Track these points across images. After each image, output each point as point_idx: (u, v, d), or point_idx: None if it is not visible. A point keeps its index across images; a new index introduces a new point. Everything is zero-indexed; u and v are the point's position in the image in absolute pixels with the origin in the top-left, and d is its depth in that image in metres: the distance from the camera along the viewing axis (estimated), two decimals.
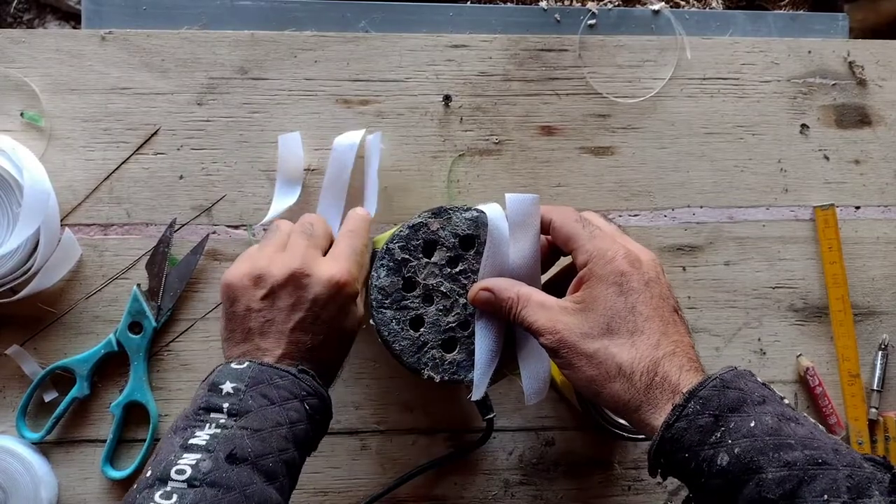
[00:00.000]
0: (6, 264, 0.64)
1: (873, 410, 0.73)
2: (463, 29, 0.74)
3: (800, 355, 0.73)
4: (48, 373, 0.66)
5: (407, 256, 0.58)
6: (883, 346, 0.73)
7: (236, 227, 0.70)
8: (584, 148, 0.73)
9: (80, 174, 0.68)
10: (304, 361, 0.54)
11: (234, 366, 0.51)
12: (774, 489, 0.42)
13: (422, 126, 0.71)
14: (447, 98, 0.72)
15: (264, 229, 0.69)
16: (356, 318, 0.58)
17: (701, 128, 0.74)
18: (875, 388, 0.73)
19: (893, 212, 0.75)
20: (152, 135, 0.69)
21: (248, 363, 0.51)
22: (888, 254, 0.75)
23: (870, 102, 0.76)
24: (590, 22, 0.75)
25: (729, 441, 0.44)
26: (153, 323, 0.67)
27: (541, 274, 0.58)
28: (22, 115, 0.68)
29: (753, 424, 0.44)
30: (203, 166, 0.69)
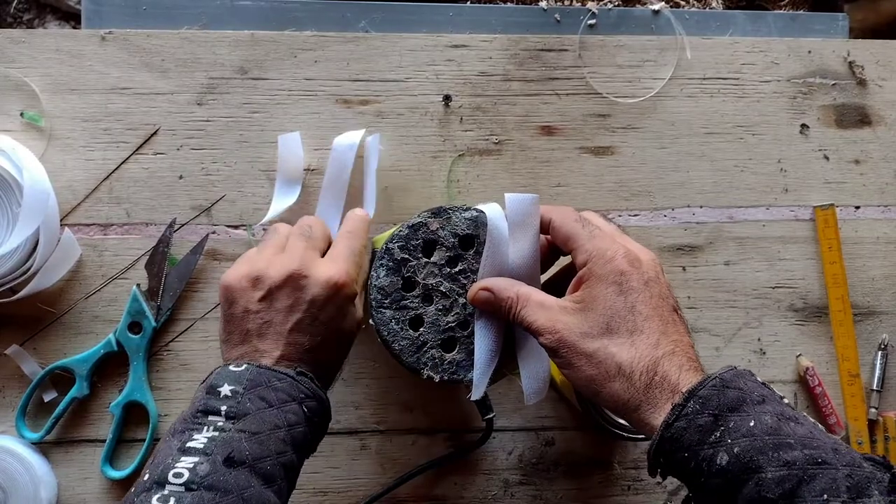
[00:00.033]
0: (6, 264, 0.64)
1: (873, 410, 0.73)
2: (463, 29, 0.74)
3: (799, 355, 0.73)
4: (48, 373, 0.66)
5: (406, 256, 0.58)
6: (883, 346, 0.73)
7: (236, 227, 0.70)
8: (584, 148, 0.73)
9: (80, 174, 0.68)
10: (303, 363, 0.54)
11: (232, 368, 0.51)
12: (774, 488, 0.42)
13: (422, 126, 0.71)
14: (447, 98, 0.72)
15: (264, 229, 0.69)
16: (354, 320, 0.58)
17: (701, 128, 0.74)
18: (875, 388, 0.73)
19: (893, 212, 0.75)
20: (152, 135, 0.69)
21: (247, 365, 0.51)
22: (888, 254, 0.75)
23: (870, 102, 0.76)
24: (590, 22, 0.75)
25: (728, 440, 0.44)
26: (153, 323, 0.67)
27: (540, 274, 0.58)
28: (22, 115, 0.68)
29: (753, 424, 0.44)
30: (203, 166, 0.70)
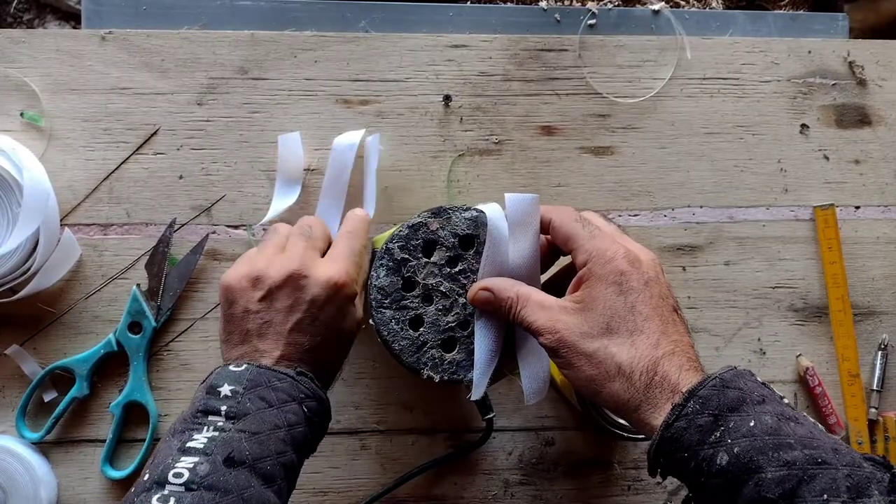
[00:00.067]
0: (6, 264, 0.64)
1: (873, 410, 0.73)
2: (463, 29, 0.74)
3: (799, 355, 0.73)
4: (48, 373, 0.66)
5: (406, 256, 0.58)
6: (883, 346, 0.73)
7: (236, 227, 0.70)
8: (584, 148, 0.73)
9: (80, 174, 0.68)
10: (303, 363, 0.54)
11: (233, 368, 0.51)
12: (774, 489, 0.42)
13: (422, 126, 0.71)
14: (447, 98, 0.72)
15: (264, 229, 0.69)
16: (354, 319, 0.58)
17: (701, 128, 0.74)
18: (875, 388, 0.73)
19: (893, 212, 0.75)
20: (152, 135, 0.69)
21: (247, 365, 0.51)
22: (888, 254, 0.75)
23: (870, 102, 0.76)
24: (590, 22, 0.75)
25: (728, 440, 0.44)
26: (153, 323, 0.67)
27: (540, 274, 0.58)
28: (22, 115, 0.68)
29: (753, 424, 0.44)
30: (203, 166, 0.70)
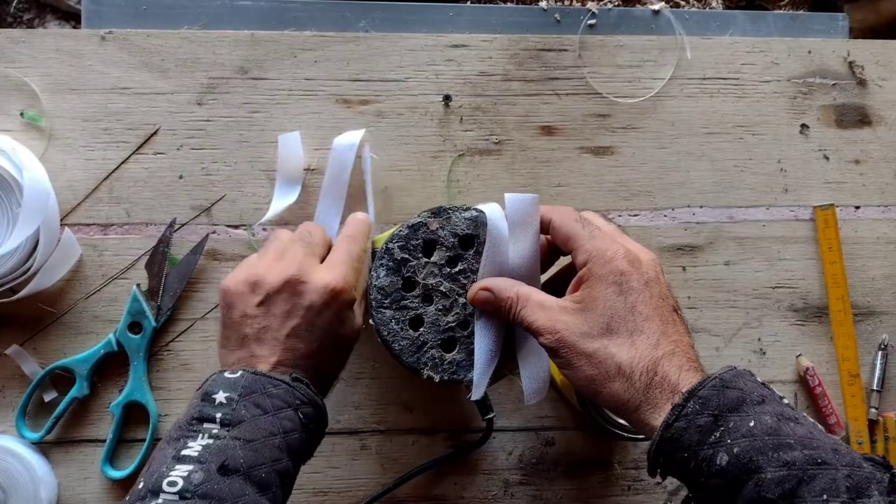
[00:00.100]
0: (6, 264, 0.64)
1: (873, 410, 0.73)
2: (463, 29, 0.74)
3: (799, 355, 0.73)
4: (48, 373, 0.66)
5: (406, 256, 0.58)
6: (883, 346, 0.73)
7: (236, 227, 0.70)
8: (584, 148, 0.73)
9: (80, 174, 0.68)
10: (299, 369, 0.54)
11: (228, 375, 0.51)
12: (774, 489, 0.42)
13: (422, 126, 0.71)
14: (447, 98, 0.72)
15: (264, 229, 0.69)
16: (353, 326, 0.58)
17: (701, 128, 0.74)
18: (875, 388, 0.73)
19: (893, 212, 0.75)
20: (152, 135, 0.69)
21: (242, 372, 0.51)
22: (888, 254, 0.75)
23: (870, 102, 0.75)
24: (590, 22, 0.75)
25: (728, 441, 0.44)
26: (153, 323, 0.67)
27: (540, 274, 0.58)
28: (22, 115, 0.68)
29: (753, 424, 0.44)
30: (203, 166, 0.70)
